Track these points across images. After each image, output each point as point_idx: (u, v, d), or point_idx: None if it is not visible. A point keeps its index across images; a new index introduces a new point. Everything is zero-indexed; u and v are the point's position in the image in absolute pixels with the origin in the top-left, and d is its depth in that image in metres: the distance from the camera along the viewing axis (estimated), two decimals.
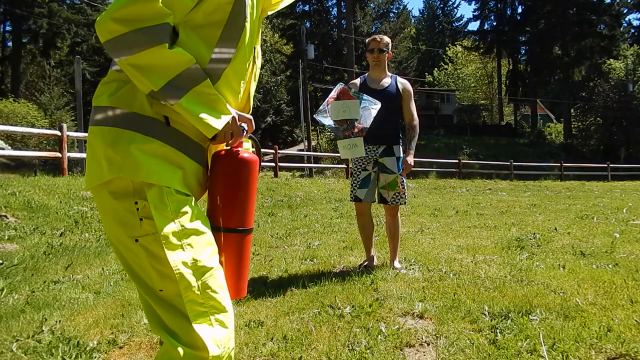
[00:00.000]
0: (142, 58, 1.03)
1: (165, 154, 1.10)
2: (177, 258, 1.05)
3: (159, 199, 1.06)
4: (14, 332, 2.26)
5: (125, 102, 1.09)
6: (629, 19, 39.18)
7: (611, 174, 23.60)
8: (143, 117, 1.09)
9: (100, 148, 1.08)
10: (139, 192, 1.06)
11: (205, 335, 1.06)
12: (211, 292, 1.10)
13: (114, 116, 1.09)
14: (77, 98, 14.71)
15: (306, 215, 6.73)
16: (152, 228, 1.06)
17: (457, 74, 47.90)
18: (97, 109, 1.12)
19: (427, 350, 2.04)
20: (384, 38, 3.54)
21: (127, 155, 1.06)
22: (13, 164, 17.44)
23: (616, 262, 3.48)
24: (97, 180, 1.09)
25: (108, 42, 1.02)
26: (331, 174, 19.74)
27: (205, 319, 1.08)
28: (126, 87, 1.10)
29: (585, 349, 1.96)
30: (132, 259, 1.11)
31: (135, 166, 1.05)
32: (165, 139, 1.10)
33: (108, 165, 1.06)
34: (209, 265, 1.11)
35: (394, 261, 3.50)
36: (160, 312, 1.10)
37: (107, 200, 1.09)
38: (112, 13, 1.00)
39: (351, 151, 3.16)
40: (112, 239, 1.13)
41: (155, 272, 1.07)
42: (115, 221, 1.09)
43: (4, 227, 4.53)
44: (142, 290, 1.13)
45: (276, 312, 2.51)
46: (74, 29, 29.95)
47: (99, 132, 1.10)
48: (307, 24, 38.59)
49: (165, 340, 1.08)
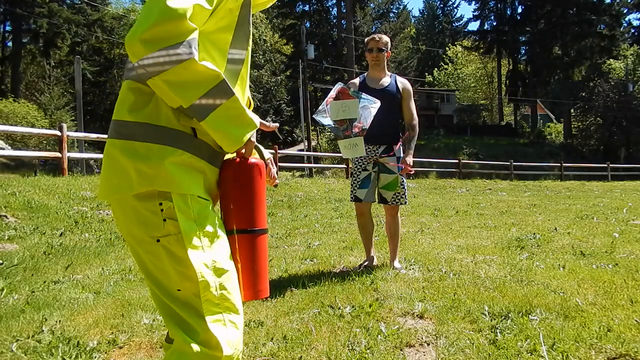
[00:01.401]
0: (174, 74, 1.03)
1: (192, 164, 1.13)
2: (198, 258, 1.08)
3: (183, 202, 1.09)
4: (14, 332, 2.26)
5: (151, 117, 1.11)
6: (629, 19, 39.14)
7: (611, 174, 23.59)
8: (171, 130, 1.11)
9: (128, 161, 1.09)
10: (163, 195, 1.09)
11: (219, 335, 1.09)
12: (227, 294, 1.13)
13: (142, 131, 1.10)
14: (77, 98, 14.70)
15: (306, 215, 6.73)
16: (174, 229, 1.08)
17: (457, 74, 47.91)
18: (121, 123, 1.13)
19: (427, 350, 2.04)
20: (382, 37, 3.54)
21: (160, 169, 1.08)
22: (13, 164, 17.44)
23: (616, 262, 3.48)
24: (123, 191, 1.10)
25: (139, 62, 1.02)
26: (331, 174, 19.75)
27: (219, 319, 1.11)
28: (150, 102, 1.11)
29: (585, 349, 1.96)
30: (151, 259, 1.12)
31: (167, 179, 1.08)
32: (192, 150, 1.13)
33: (139, 178, 1.08)
34: (225, 267, 1.14)
35: (393, 261, 3.50)
36: (176, 309, 1.12)
37: (130, 202, 1.11)
38: (141, 34, 0.99)
39: (352, 151, 3.15)
40: (131, 239, 1.15)
41: (174, 272, 1.10)
42: (136, 222, 1.11)
43: (4, 227, 4.53)
44: (158, 290, 1.14)
45: (276, 312, 2.51)
46: (74, 29, 29.95)
47: (127, 146, 1.10)
48: (307, 24, 38.54)
49: (179, 337, 1.10)
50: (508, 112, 49.94)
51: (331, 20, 41.33)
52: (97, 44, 33.03)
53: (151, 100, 1.11)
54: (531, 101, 42.81)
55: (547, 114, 47.24)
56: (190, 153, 1.12)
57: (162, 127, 1.10)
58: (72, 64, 22.54)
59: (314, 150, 29.61)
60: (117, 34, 32.87)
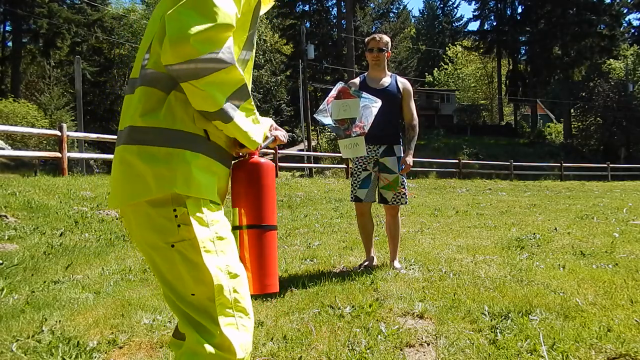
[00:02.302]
0: (216, 78, 1.05)
1: (208, 166, 1.15)
2: (212, 262, 1.10)
3: (196, 207, 1.10)
4: (14, 332, 2.26)
5: (167, 121, 1.11)
6: (629, 19, 39.09)
7: (611, 174, 23.58)
8: (187, 133, 1.12)
9: (145, 166, 1.09)
10: (177, 200, 1.09)
11: (233, 339, 1.11)
12: (239, 297, 1.15)
13: (159, 135, 1.10)
14: (77, 98, 14.70)
15: (306, 215, 6.73)
16: (188, 234, 1.09)
17: (457, 74, 47.89)
18: (135, 129, 1.13)
19: (427, 350, 2.04)
20: (383, 37, 3.53)
21: (181, 173, 1.09)
22: (13, 164, 17.45)
23: (616, 262, 3.48)
24: (140, 197, 1.10)
25: (181, 65, 1.01)
26: (331, 174, 19.74)
27: (232, 323, 1.13)
28: (163, 105, 1.11)
29: (585, 349, 1.96)
30: (165, 265, 1.13)
31: (188, 182, 1.09)
32: (207, 152, 1.15)
33: (157, 183, 1.08)
34: (237, 272, 1.16)
35: (393, 261, 3.50)
36: (191, 313, 1.13)
37: (144, 209, 1.11)
38: (195, 35, 0.98)
39: (352, 150, 3.15)
40: (146, 246, 1.16)
41: (189, 277, 1.11)
42: (149, 228, 1.12)
43: (4, 227, 4.53)
44: (172, 295, 1.15)
45: (276, 312, 2.51)
46: (74, 29, 29.94)
47: (144, 151, 1.10)
48: (307, 24, 38.54)
49: (193, 337, 1.11)
50: (508, 112, 49.94)
51: (331, 20, 41.31)
52: (97, 44, 32.99)
53: (164, 104, 1.12)
54: (531, 101, 42.80)
55: (547, 114, 47.24)
56: (206, 155, 1.14)
57: (178, 131, 1.11)
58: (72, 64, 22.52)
59: (314, 150, 29.61)
60: (117, 34, 32.88)
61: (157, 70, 1.11)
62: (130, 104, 1.15)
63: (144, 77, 1.13)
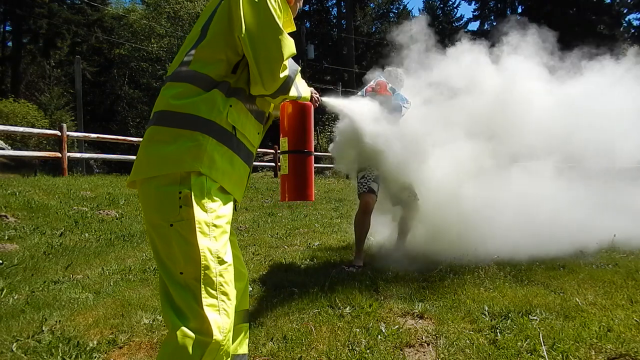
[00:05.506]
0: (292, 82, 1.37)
1: (230, 158, 1.28)
2: (205, 243, 1.18)
3: (201, 193, 1.19)
4: (14, 332, 2.26)
5: (198, 109, 1.24)
6: (629, 19, 38.96)
7: None
8: (218, 125, 1.25)
9: (171, 146, 1.21)
10: (184, 181, 1.19)
11: (212, 320, 1.16)
12: (224, 282, 1.22)
13: (188, 120, 1.23)
14: (77, 98, 14.70)
15: (306, 215, 6.73)
16: (187, 215, 1.17)
17: None
18: (165, 113, 1.26)
19: (427, 350, 2.04)
20: None
21: (205, 155, 1.21)
22: (13, 164, 17.41)
23: (616, 262, 3.48)
24: (162, 170, 1.20)
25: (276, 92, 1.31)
26: (331, 174, 19.72)
27: (214, 304, 1.19)
28: (201, 98, 1.24)
29: (585, 349, 1.96)
30: (161, 243, 1.22)
31: (211, 165, 1.22)
32: (231, 146, 1.28)
33: (181, 161, 1.19)
34: (227, 260, 1.24)
35: (400, 244, 3.68)
36: (174, 294, 1.19)
37: (153, 189, 1.21)
38: (286, 56, 1.27)
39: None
40: (149, 225, 1.25)
41: (180, 254, 1.18)
42: (154, 207, 1.22)
43: (4, 227, 4.53)
44: (163, 273, 1.22)
45: (276, 312, 2.51)
46: (74, 29, 29.93)
47: (172, 133, 1.23)
48: (307, 24, 38.53)
49: (170, 322, 1.17)
50: None
51: (331, 20, 41.27)
52: (97, 44, 32.94)
53: (202, 97, 1.24)
54: None
55: None
56: (228, 148, 1.27)
57: (207, 120, 1.23)
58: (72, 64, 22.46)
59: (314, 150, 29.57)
60: (117, 34, 32.86)
61: (200, 72, 1.25)
62: (168, 92, 1.27)
63: (187, 74, 1.26)
